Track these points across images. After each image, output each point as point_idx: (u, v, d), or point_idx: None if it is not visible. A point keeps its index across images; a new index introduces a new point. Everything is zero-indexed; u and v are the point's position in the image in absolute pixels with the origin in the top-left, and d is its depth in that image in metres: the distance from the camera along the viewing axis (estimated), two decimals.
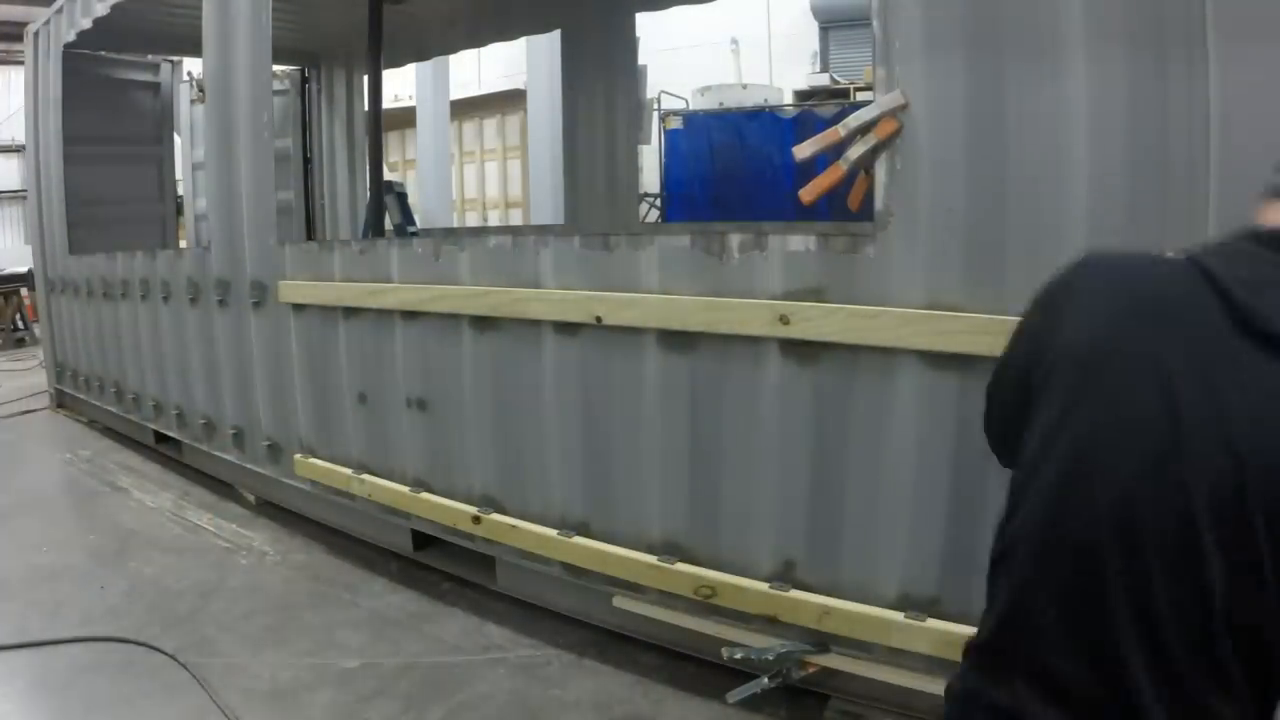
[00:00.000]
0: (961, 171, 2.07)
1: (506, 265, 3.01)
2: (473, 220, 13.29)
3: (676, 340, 2.57)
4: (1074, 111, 1.92)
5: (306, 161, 7.74)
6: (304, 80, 7.75)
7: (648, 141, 9.61)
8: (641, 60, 7.09)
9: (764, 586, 2.46)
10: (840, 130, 2.20)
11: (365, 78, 6.61)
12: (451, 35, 7.12)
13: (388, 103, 6.84)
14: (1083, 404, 1.01)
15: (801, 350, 2.33)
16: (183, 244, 8.04)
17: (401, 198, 9.30)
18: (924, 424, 2.17)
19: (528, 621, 3.10)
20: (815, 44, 11.93)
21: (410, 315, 3.34)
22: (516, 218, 12.49)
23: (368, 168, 6.75)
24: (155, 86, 7.53)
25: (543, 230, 5.84)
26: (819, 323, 2.27)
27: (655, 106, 10.47)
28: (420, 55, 8.39)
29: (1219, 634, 0.90)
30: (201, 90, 7.54)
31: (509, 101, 12.37)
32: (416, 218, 10.17)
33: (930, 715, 2.30)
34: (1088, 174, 1.92)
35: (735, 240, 2.45)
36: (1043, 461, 1.03)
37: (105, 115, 6.81)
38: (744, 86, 11.50)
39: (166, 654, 2.95)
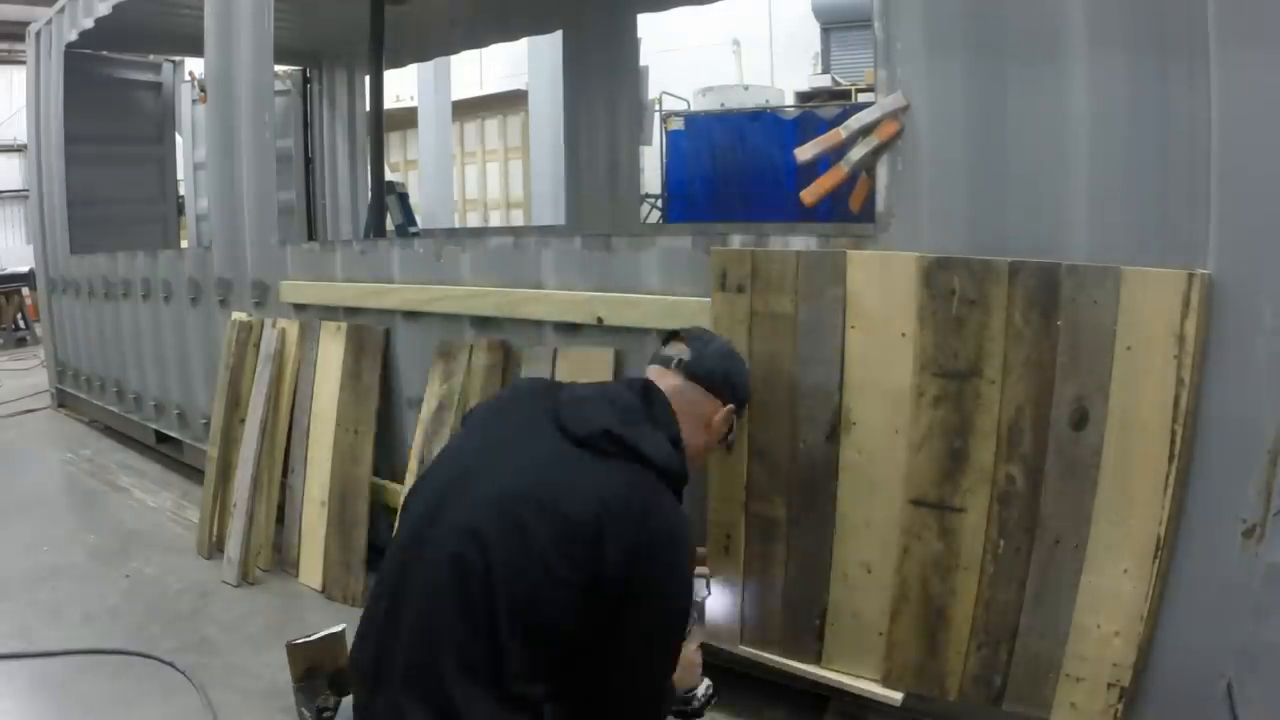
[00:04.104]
0: (962, 173, 2.07)
1: (508, 266, 3.01)
2: (474, 221, 13.29)
3: None
4: (1075, 113, 1.92)
5: (308, 162, 7.74)
6: (306, 80, 7.75)
7: (649, 142, 9.61)
8: (643, 61, 7.09)
9: None
10: (842, 132, 2.20)
11: (367, 78, 6.61)
12: (453, 35, 7.12)
13: (389, 103, 6.84)
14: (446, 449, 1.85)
15: None
16: (184, 244, 8.04)
17: (403, 198, 9.30)
18: None
19: None
20: (817, 45, 11.92)
21: (411, 315, 3.34)
22: (518, 218, 12.49)
23: (369, 168, 6.75)
24: (157, 86, 7.54)
25: (544, 231, 5.83)
26: None
27: (657, 107, 10.46)
28: (422, 55, 8.40)
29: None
30: (203, 90, 7.54)
31: (510, 102, 12.36)
32: (418, 218, 10.17)
33: (925, 716, 2.30)
34: (1088, 176, 1.92)
35: (737, 241, 2.45)
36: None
37: (107, 115, 6.82)
38: (745, 88, 11.50)
39: (164, 661, 2.95)
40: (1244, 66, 1.73)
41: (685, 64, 11.48)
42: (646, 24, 6.68)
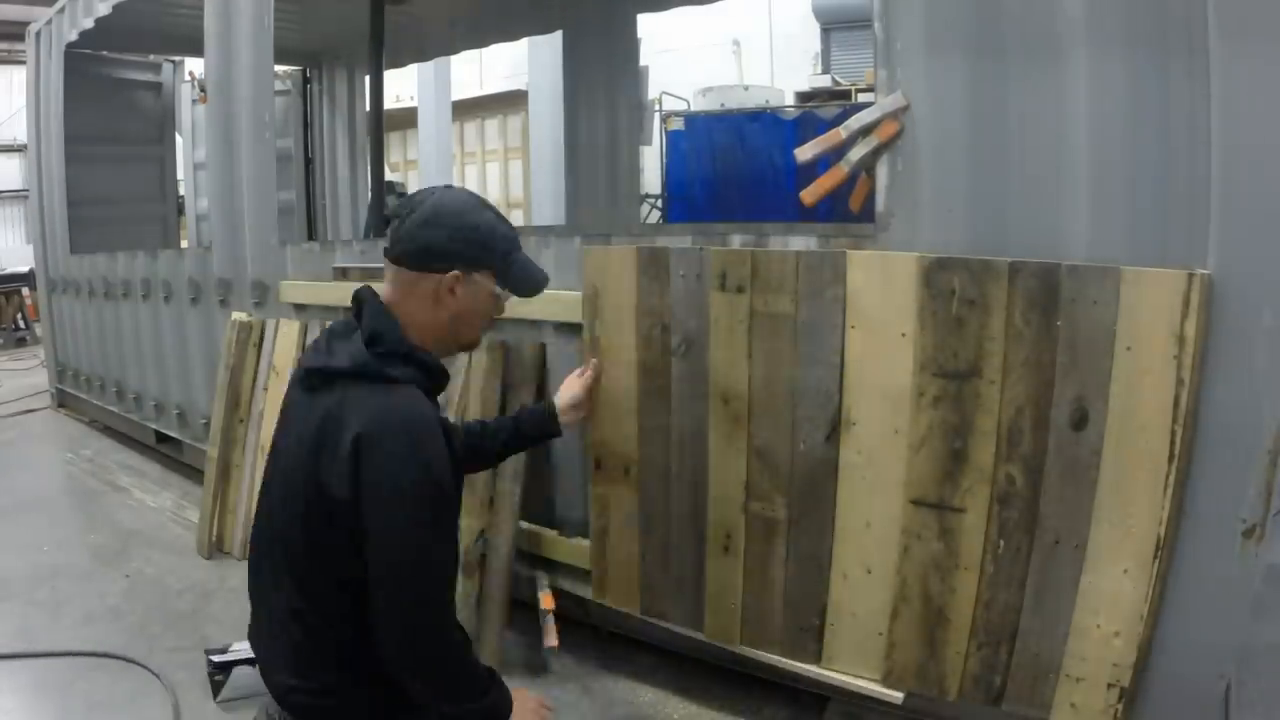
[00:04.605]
0: (962, 173, 2.07)
1: None
2: None
3: None
4: (1075, 112, 1.92)
5: (308, 162, 7.75)
6: (306, 80, 7.76)
7: (649, 142, 9.60)
8: (643, 61, 7.09)
9: None
10: (842, 132, 2.21)
11: (367, 78, 6.62)
12: (453, 35, 7.13)
13: (389, 103, 6.84)
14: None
15: None
16: (184, 244, 8.04)
17: (403, 198, 9.31)
18: None
19: (518, 619, 3.11)
20: (817, 45, 11.93)
21: None
22: (518, 218, 12.49)
23: (369, 168, 6.75)
24: (157, 86, 7.54)
25: (544, 231, 5.83)
26: None
27: (657, 107, 10.46)
28: (422, 55, 8.39)
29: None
30: (203, 90, 7.54)
31: (510, 102, 12.37)
32: None
33: (925, 716, 2.30)
34: (1089, 175, 1.92)
35: (736, 241, 2.45)
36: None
37: (107, 115, 6.82)
38: (745, 88, 11.50)
39: (136, 663, 2.96)
40: (1244, 61, 1.73)
41: (685, 64, 11.49)
42: (646, 24, 6.68)
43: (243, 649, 2.59)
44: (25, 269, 10.63)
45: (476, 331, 1.85)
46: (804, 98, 10.86)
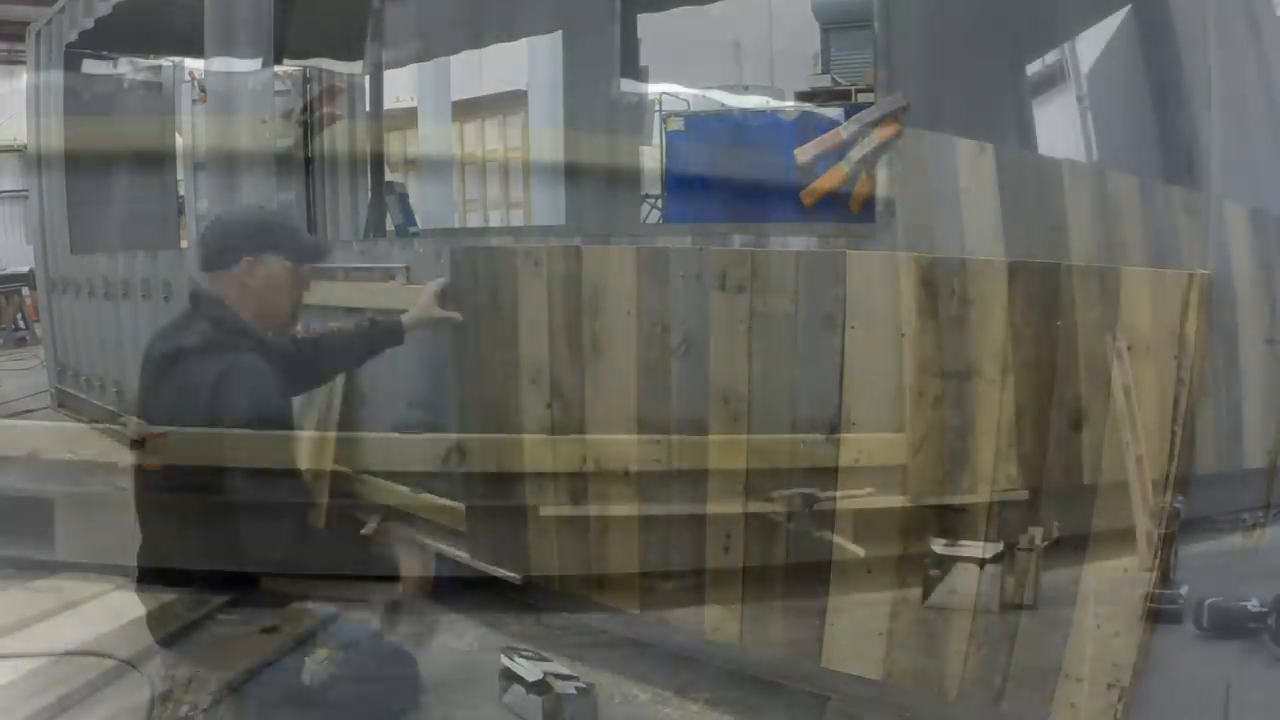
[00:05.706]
0: (962, 173, 2.07)
1: None
2: (474, 221, 13.28)
3: None
4: (1075, 113, 1.92)
5: (308, 162, 7.74)
6: (305, 80, 7.75)
7: (649, 142, 9.60)
8: (643, 61, 7.09)
9: None
10: (842, 132, 2.21)
11: (366, 78, 6.62)
12: (453, 35, 7.13)
13: (389, 103, 6.84)
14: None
15: None
16: (184, 244, 8.03)
17: (403, 198, 9.29)
18: None
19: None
20: (817, 45, 11.92)
21: None
22: (518, 219, 12.48)
23: (369, 168, 6.76)
24: (157, 86, 7.53)
25: (544, 231, 5.84)
26: None
27: (657, 107, 10.46)
28: (422, 55, 8.39)
29: None
30: (203, 90, 7.54)
31: (510, 102, 12.36)
32: (417, 218, 10.17)
33: (925, 716, 2.31)
34: (1089, 175, 1.92)
35: (737, 241, 2.45)
36: None
37: (107, 115, 6.81)
38: (745, 88, 11.50)
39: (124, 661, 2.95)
40: (1244, 61, 1.73)
41: (685, 64, 11.48)
42: (646, 24, 6.68)
43: None
44: (25, 269, 10.62)
45: (284, 311, 2.17)
46: (804, 98, 10.84)
